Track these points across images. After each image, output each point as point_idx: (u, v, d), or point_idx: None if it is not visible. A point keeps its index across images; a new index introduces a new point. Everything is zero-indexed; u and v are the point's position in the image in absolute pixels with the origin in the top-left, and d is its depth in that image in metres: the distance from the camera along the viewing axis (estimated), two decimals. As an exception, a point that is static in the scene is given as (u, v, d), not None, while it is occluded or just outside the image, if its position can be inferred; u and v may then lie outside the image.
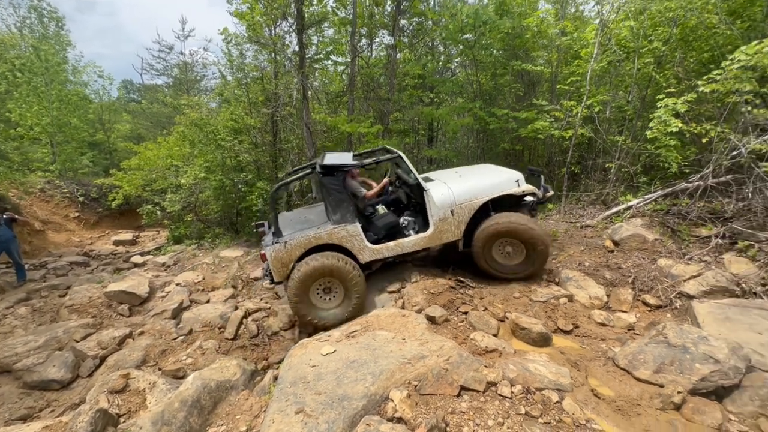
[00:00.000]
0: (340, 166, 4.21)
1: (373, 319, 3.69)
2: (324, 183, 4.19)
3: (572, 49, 7.72)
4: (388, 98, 7.44)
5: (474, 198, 4.28)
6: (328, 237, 4.14)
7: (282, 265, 4.14)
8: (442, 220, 4.25)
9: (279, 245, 4.10)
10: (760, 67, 4.31)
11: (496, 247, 4.30)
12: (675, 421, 2.45)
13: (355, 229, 4.17)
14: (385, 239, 4.41)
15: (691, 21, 5.78)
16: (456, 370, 2.74)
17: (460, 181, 4.46)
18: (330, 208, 4.25)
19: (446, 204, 4.24)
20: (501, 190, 4.33)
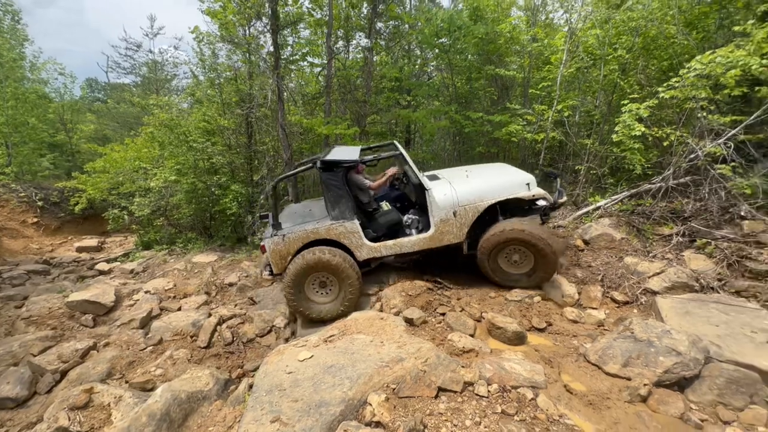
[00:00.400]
0: (340, 162, 4.13)
1: (351, 323, 3.66)
2: (323, 179, 4.16)
3: (543, 55, 7.99)
4: (365, 100, 7.44)
5: (479, 200, 4.10)
6: (326, 232, 4.12)
7: (280, 257, 4.16)
8: (444, 221, 4.11)
9: (278, 238, 4.13)
10: (714, 76, 4.60)
11: (502, 255, 4.11)
12: (642, 412, 2.55)
13: (354, 226, 4.12)
14: (386, 237, 4.32)
15: (652, 31, 6.11)
16: (434, 371, 2.75)
17: (466, 182, 4.30)
18: (329, 203, 4.21)
19: (448, 205, 4.09)
20: (509, 192, 4.13)
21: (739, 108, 5.37)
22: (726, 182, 4.68)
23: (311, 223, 4.23)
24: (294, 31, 8.46)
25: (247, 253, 7.35)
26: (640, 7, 6.31)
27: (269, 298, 5.49)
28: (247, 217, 8.23)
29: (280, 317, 4.88)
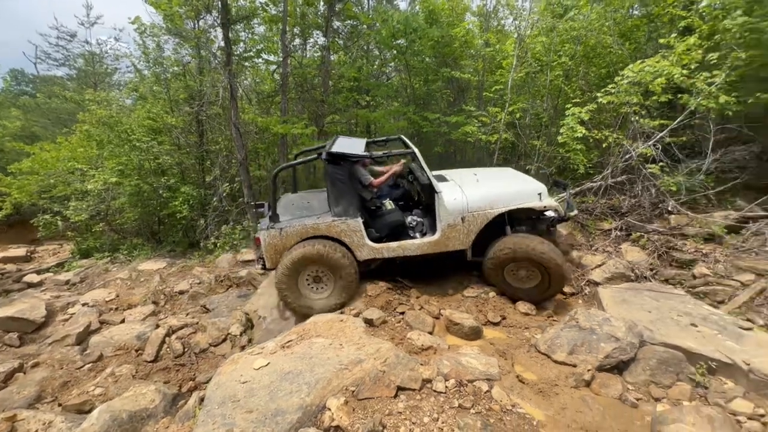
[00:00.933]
0: (349, 155, 3.94)
1: (310, 327, 3.58)
2: (328, 171, 3.96)
3: (495, 59, 8.32)
4: (323, 100, 7.33)
5: (489, 207, 3.97)
6: (326, 229, 3.95)
7: (275, 252, 3.98)
8: (451, 226, 3.95)
9: (274, 231, 3.94)
10: (644, 83, 5.04)
11: (508, 270, 4.01)
12: (586, 396, 2.73)
13: (356, 224, 3.95)
14: (388, 238, 4.19)
15: (591, 40, 6.58)
16: (393, 371, 2.76)
17: (476, 187, 4.17)
18: (332, 198, 4.03)
19: (457, 210, 3.94)
20: (520, 201, 4.00)
21: (666, 113, 5.94)
22: (656, 180, 5.14)
23: (311, 217, 4.05)
24: (247, 27, 8.14)
25: (200, 258, 6.97)
26: (581, 17, 6.77)
27: (224, 305, 5.25)
28: (200, 220, 7.81)
29: (236, 324, 4.67)
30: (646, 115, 5.78)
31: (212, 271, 6.34)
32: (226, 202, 7.30)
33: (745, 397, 2.57)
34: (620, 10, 6.90)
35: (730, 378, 2.71)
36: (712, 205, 5.12)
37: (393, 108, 9.28)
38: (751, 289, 3.54)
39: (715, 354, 2.80)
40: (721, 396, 2.60)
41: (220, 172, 7.19)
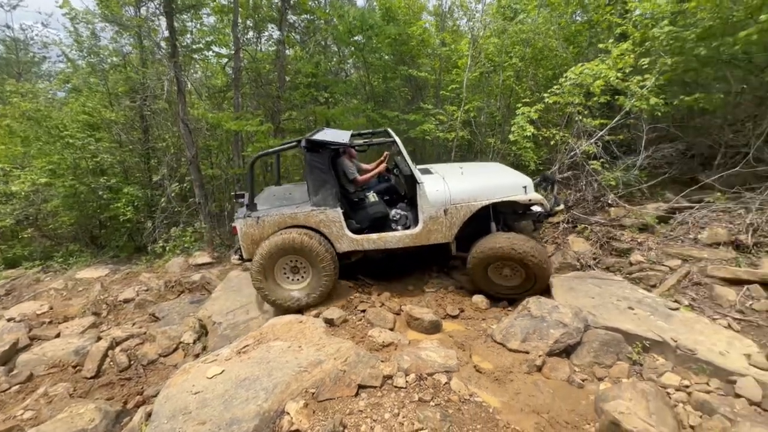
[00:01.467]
0: (328, 143, 3.85)
1: (267, 330, 3.47)
2: (307, 159, 3.88)
3: (451, 59, 8.52)
4: (279, 96, 7.10)
5: (472, 199, 3.92)
6: (304, 219, 3.86)
7: (252, 242, 3.87)
8: (433, 218, 3.90)
9: (251, 220, 3.83)
10: (585, 85, 5.39)
11: (492, 269, 3.98)
12: (538, 381, 2.87)
13: (335, 215, 3.86)
14: (369, 230, 4.10)
15: (539, 43, 6.92)
16: (354, 370, 2.75)
17: (460, 179, 4.12)
18: (311, 187, 3.92)
19: (439, 202, 3.89)
20: (504, 194, 3.96)
21: (605, 113, 6.40)
22: (597, 176, 5.54)
23: (289, 207, 3.94)
24: (195, 17, 7.69)
25: (147, 263, 6.51)
26: (529, 21, 7.11)
27: (175, 312, 4.94)
28: (147, 222, 7.29)
29: (189, 332, 4.42)
30: (588, 115, 6.19)
31: (162, 277, 5.95)
32: (176, 203, 6.87)
33: (673, 370, 2.83)
34: (564, 15, 7.33)
35: (661, 354, 2.97)
36: (645, 197, 5.60)
37: (352, 105, 9.21)
38: (678, 273, 3.91)
39: (648, 333, 3.06)
40: (653, 371, 2.85)
41: (168, 171, 6.75)
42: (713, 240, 4.23)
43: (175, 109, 6.47)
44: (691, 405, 2.52)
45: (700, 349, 2.85)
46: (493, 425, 2.38)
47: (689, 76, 6.12)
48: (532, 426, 2.41)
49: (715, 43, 5.10)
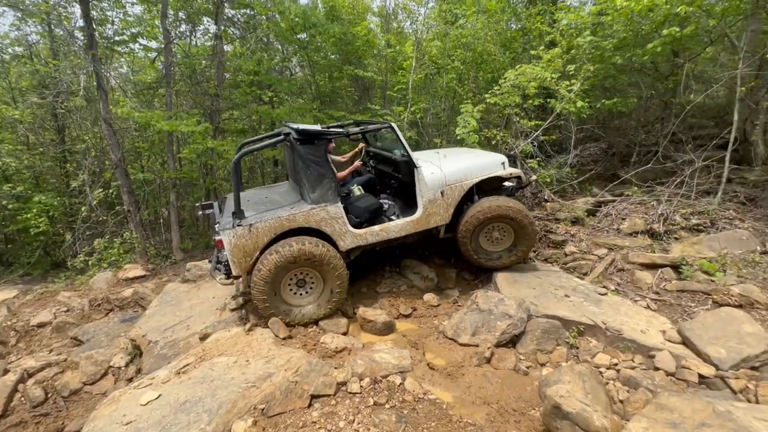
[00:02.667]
0: (325, 133, 3.54)
1: (211, 346, 3.23)
2: (301, 153, 3.48)
3: (397, 60, 8.62)
4: (218, 94, 6.68)
5: (465, 179, 4.00)
6: (304, 219, 3.49)
7: (245, 254, 3.38)
8: (432, 201, 3.88)
9: (241, 229, 3.32)
10: (522, 86, 5.72)
11: (483, 234, 4.09)
12: (487, 372, 2.98)
13: (337, 211, 3.59)
14: (367, 224, 3.92)
15: (478, 48, 7.24)
16: (306, 379, 2.65)
17: (449, 161, 4.16)
18: (308, 183, 3.56)
19: (437, 184, 3.89)
20: (490, 171, 4.10)
21: (540, 115, 6.87)
22: (535, 174, 5.93)
23: (284, 208, 3.56)
24: (117, 5, 6.96)
25: (67, 280, 5.78)
26: (469, 26, 7.41)
27: (103, 333, 4.44)
28: (66, 234, 6.47)
29: (120, 354, 3.98)
30: (524, 116, 6.61)
31: (85, 295, 5.31)
32: (100, 211, 6.17)
33: (604, 351, 3.10)
34: (500, 22, 7.75)
35: (594, 337, 3.24)
36: (576, 192, 6.11)
37: (297, 105, 8.95)
38: (605, 261, 4.30)
39: (583, 319, 3.32)
40: (588, 353, 3.10)
41: (90, 176, 6.03)
42: (632, 229, 4.72)
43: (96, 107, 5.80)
44: (620, 381, 2.77)
45: (625, 330, 3.15)
46: (446, 421, 2.43)
47: (608, 82, 6.79)
48: (483, 417, 2.49)
49: (629, 53, 5.70)
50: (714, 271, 3.73)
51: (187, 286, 4.86)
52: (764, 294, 3.35)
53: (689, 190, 4.87)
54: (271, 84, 8.12)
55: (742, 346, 2.80)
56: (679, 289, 3.66)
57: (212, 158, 6.49)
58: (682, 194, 4.85)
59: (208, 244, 6.74)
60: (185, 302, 4.42)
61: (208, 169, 7.00)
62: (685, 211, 4.59)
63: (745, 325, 2.97)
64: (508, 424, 2.42)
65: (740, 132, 4.93)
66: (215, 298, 4.37)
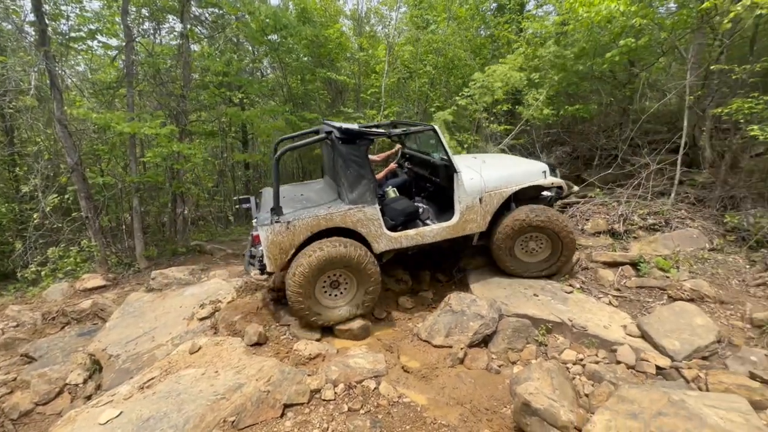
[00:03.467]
0: (367, 132, 3.48)
1: (177, 358, 3.10)
2: (342, 152, 3.45)
3: (370, 64, 8.65)
4: (184, 95, 6.43)
5: (505, 186, 3.90)
6: (341, 219, 3.46)
7: (281, 251, 3.37)
8: (470, 208, 3.80)
9: (279, 226, 3.32)
10: (491, 88, 5.88)
11: (518, 244, 3.98)
12: (461, 372, 3.03)
13: (374, 212, 3.54)
14: (403, 226, 3.87)
15: (449, 53, 7.39)
16: (278, 388, 2.59)
17: (489, 167, 4.04)
18: (347, 183, 3.51)
19: (476, 190, 3.80)
20: (530, 180, 3.99)
21: (509, 120, 7.10)
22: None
23: (321, 207, 3.54)
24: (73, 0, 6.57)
25: (17, 292, 5.38)
26: (440, 31, 7.56)
27: (57, 348, 4.16)
28: (16, 243, 6.01)
29: (78, 370, 3.74)
30: (494, 121, 6.81)
31: (38, 308, 4.96)
32: (54, 218, 5.78)
33: (570, 347, 3.22)
34: (470, 29, 7.96)
35: (561, 334, 3.37)
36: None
37: (269, 107, 8.79)
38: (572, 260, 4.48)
39: (551, 317, 3.44)
40: (555, 350, 3.22)
41: (43, 181, 5.64)
42: (595, 229, 4.95)
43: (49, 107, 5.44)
44: (585, 375, 2.89)
45: (590, 326, 3.29)
46: (421, 423, 2.44)
47: (571, 88, 7.11)
48: (456, 418, 2.52)
49: (589, 62, 5.99)
50: (668, 267, 3.97)
51: (152, 296, 4.64)
52: (712, 288, 3.60)
53: (646, 191, 5.17)
54: (242, 85, 7.93)
55: (694, 338, 3.00)
56: (638, 286, 3.87)
57: (179, 162, 6.24)
58: (639, 196, 5.14)
59: (175, 251, 6.47)
60: (149, 313, 4.22)
61: (174, 173, 6.72)
62: (642, 211, 4.87)
63: (696, 317, 3.18)
64: (480, 424, 2.47)
65: (690, 137, 5.29)
66: (182, 307, 4.20)
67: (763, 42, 5.22)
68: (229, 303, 3.96)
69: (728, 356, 2.88)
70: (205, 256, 6.23)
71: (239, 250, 6.35)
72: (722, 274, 3.88)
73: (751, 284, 3.68)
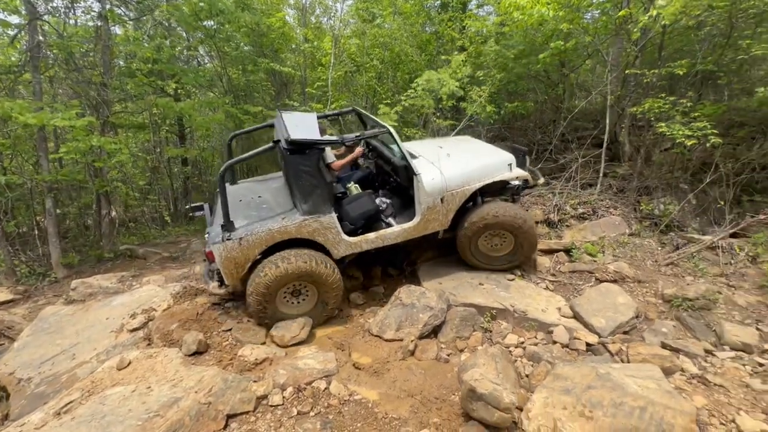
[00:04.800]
0: (318, 142, 3.29)
1: (103, 376, 2.79)
2: (291, 163, 3.29)
3: (316, 56, 8.42)
4: (105, 83, 5.76)
5: (466, 184, 3.83)
6: (296, 231, 3.38)
7: (236, 266, 3.32)
8: (431, 208, 3.73)
9: (231, 243, 3.23)
10: (435, 90, 6.01)
11: (482, 240, 3.97)
12: (411, 365, 3.07)
13: (331, 221, 3.46)
14: (363, 229, 3.78)
15: (396, 48, 7.42)
16: (220, 399, 2.43)
17: (451, 163, 3.92)
18: (299, 194, 3.38)
19: (437, 191, 3.71)
20: (495, 175, 3.94)
21: (455, 116, 7.31)
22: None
23: (274, 218, 3.39)
24: (-43, -33, 5.57)
25: None
26: (387, 26, 7.54)
27: (-50, 377, 3.55)
28: None
29: (-23, 400, 3.23)
30: (441, 116, 6.97)
31: None
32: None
33: (513, 331, 3.41)
34: (416, 25, 8.04)
35: (504, 320, 3.55)
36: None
37: (207, 99, 8.22)
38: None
39: (495, 304, 3.61)
40: (499, 335, 3.38)
41: None
42: (534, 219, 5.28)
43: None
44: (526, 357, 3.07)
45: (529, 310, 3.50)
46: (372, 419, 2.43)
47: (511, 86, 7.50)
48: (407, 410, 2.55)
49: (526, 61, 6.35)
50: (596, 252, 4.36)
51: (72, 308, 4.14)
52: (632, 269, 4.01)
53: (576, 183, 5.61)
54: (175, 74, 7.30)
55: (617, 315, 3.32)
56: (571, 270, 4.19)
57: (101, 158, 5.60)
58: (570, 187, 5.57)
59: (100, 257, 5.83)
60: (69, 327, 3.76)
61: (97, 171, 6.03)
62: (573, 201, 5.28)
63: (618, 296, 3.52)
64: (430, 413, 2.52)
65: (611, 134, 5.83)
66: (110, 318, 3.80)
67: (669, 49, 5.89)
68: (165, 311, 3.65)
69: (645, 329, 3.23)
70: (137, 260, 5.69)
71: (177, 252, 5.88)
72: (639, 256, 4.33)
73: (662, 264, 4.16)
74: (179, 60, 9.19)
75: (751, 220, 4.24)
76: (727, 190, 4.69)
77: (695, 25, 5.10)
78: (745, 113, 4.89)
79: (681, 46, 5.94)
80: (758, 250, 3.94)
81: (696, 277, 3.84)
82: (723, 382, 2.59)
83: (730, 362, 2.80)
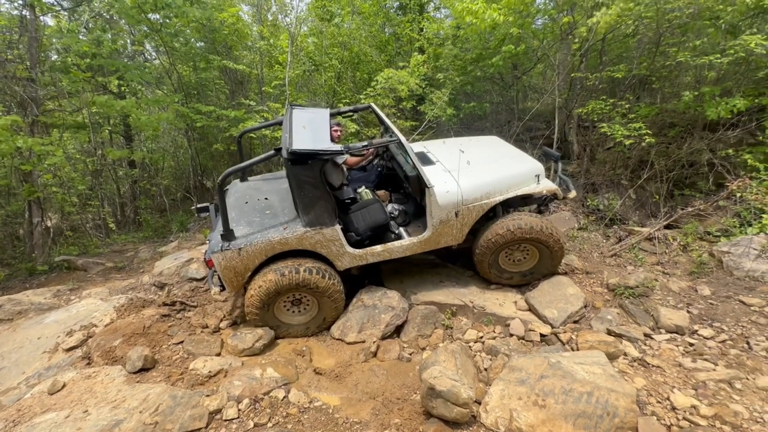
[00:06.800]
0: (321, 153, 3.06)
1: (32, 402, 2.52)
2: (293, 174, 3.12)
3: (272, 54, 8.15)
4: (32, 78, 5.22)
5: (485, 198, 3.50)
6: (297, 242, 3.26)
7: (236, 274, 3.25)
8: (444, 222, 3.46)
9: (231, 252, 3.14)
10: (395, 89, 6.04)
11: (503, 255, 3.68)
12: (374, 366, 3.05)
13: (334, 233, 3.30)
14: (371, 239, 3.61)
15: (355, 48, 7.37)
16: (169, 417, 2.27)
17: (470, 173, 3.57)
18: (301, 205, 3.24)
19: (451, 204, 3.41)
20: (518, 188, 3.60)
21: (415, 116, 7.39)
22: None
23: (275, 228, 3.28)
24: None
25: None
26: (345, 25, 7.47)
27: None
28: None
29: None
30: (401, 117, 7.02)
31: None
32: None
33: (473, 327, 3.48)
34: (374, 25, 8.04)
35: (464, 316, 3.62)
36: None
37: (155, 97, 7.72)
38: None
39: (455, 301, 3.67)
40: (459, 331, 3.44)
41: None
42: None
43: None
44: (485, 351, 3.15)
45: (487, 305, 3.60)
46: (333, 426, 2.38)
47: (468, 88, 7.70)
48: (369, 413, 2.52)
49: (481, 63, 6.55)
50: (548, 247, 4.56)
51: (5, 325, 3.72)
52: (580, 261, 4.24)
53: (530, 181, 5.87)
54: (117, 70, 6.78)
55: (568, 306, 3.49)
56: (526, 265, 4.36)
57: (29, 161, 5.07)
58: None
59: (32, 270, 5.29)
60: (3, 346, 3.37)
61: (25, 175, 5.46)
62: (527, 199, 5.51)
63: (568, 288, 3.71)
64: (391, 414, 2.51)
65: (561, 133, 6.16)
66: (42, 338, 3.45)
67: (611, 54, 6.32)
68: (107, 326, 3.37)
69: (592, 318, 3.42)
70: (76, 272, 5.22)
71: (123, 261, 5.46)
72: (587, 249, 4.60)
73: (607, 255, 4.44)
74: (123, 55, 8.56)
75: (682, 212, 4.64)
76: (661, 185, 5.10)
77: (632, 33, 5.51)
78: (675, 115, 5.34)
79: (621, 52, 6.39)
80: (688, 239, 4.32)
81: (636, 267, 4.14)
82: (660, 363, 2.80)
83: (665, 344, 3.03)
